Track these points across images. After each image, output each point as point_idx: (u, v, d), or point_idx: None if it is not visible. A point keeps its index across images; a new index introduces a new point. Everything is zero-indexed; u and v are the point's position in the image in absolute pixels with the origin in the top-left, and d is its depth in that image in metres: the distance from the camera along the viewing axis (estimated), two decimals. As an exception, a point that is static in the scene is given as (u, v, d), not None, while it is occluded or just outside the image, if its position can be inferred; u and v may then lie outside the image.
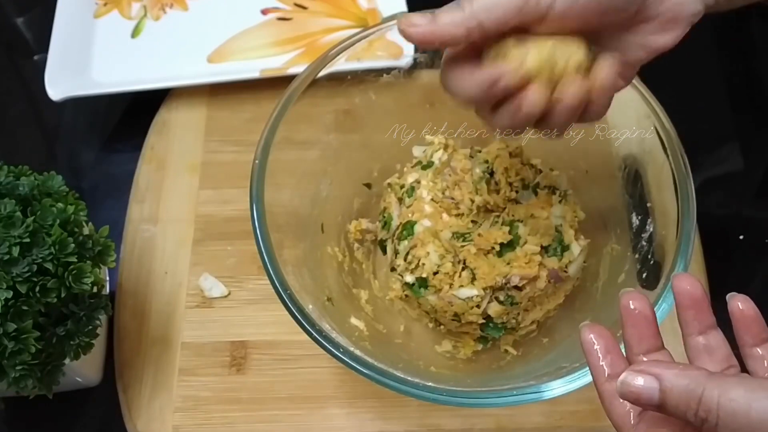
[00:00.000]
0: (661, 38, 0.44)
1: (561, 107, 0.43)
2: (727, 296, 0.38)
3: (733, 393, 0.33)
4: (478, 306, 0.56)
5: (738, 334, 0.38)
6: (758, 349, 0.37)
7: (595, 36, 0.45)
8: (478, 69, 0.43)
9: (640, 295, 0.40)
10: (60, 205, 0.54)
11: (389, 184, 0.64)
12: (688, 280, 0.39)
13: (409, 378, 0.49)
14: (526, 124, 0.45)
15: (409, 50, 0.64)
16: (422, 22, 0.42)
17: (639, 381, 0.34)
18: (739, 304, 0.38)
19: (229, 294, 0.67)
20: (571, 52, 0.43)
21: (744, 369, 0.38)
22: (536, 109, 0.43)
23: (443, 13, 0.42)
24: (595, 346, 0.39)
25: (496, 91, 0.43)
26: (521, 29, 0.43)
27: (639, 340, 0.39)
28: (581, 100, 0.43)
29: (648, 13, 0.43)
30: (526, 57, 0.42)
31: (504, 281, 0.56)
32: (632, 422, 0.38)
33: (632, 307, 0.39)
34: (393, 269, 0.60)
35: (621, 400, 0.37)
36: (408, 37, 0.43)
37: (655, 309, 0.46)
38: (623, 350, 0.40)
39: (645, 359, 0.39)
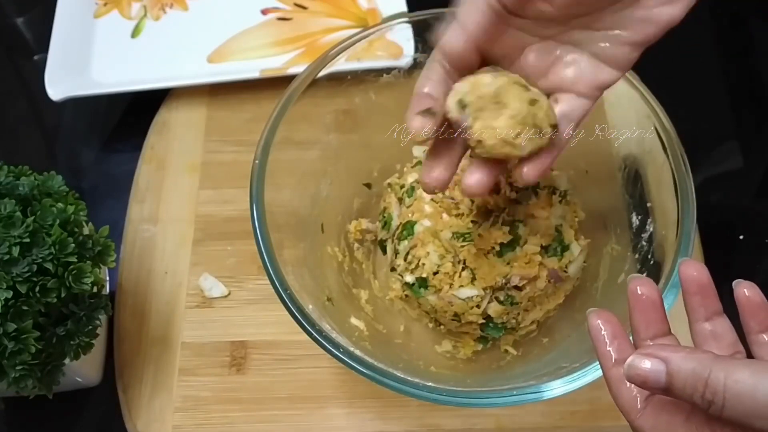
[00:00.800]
0: (667, 10, 0.43)
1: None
2: (734, 283, 0.38)
3: (739, 375, 0.33)
4: (478, 306, 0.56)
5: (744, 320, 0.38)
6: (764, 336, 0.37)
7: (601, 15, 0.44)
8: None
9: (647, 280, 0.40)
10: (60, 205, 0.54)
11: (389, 184, 0.64)
12: (694, 266, 0.39)
13: (409, 378, 0.49)
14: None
15: (409, 50, 0.64)
16: (455, 40, 0.44)
17: (646, 364, 0.34)
18: (745, 290, 0.38)
19: (229, 294, 0.67)
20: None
21: (750, 356, 0.38)
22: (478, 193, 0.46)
23: (463, 11, 0.44)
24: (603, 332, 0.39)
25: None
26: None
27: (646, 325, 0.39)
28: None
29: None
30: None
31: (504, 281, 0.56)
32: (639, 407, 0.37)
33: (640, 292, 0.39)
34: (393, 269, 0.60)
35: (628, 386, 0.37)
36: (449, 55, 0.45)
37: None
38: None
39: (652, 344, 0.39)
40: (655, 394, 0.36)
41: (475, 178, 0.45)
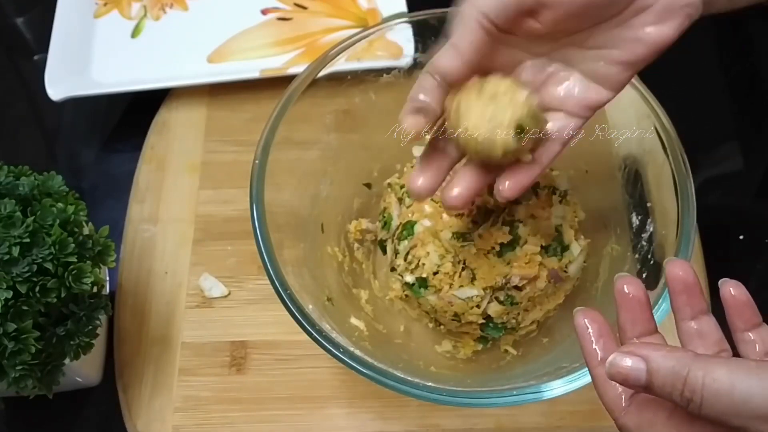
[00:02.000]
0: (659, 30, 0.43)
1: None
2: (720, 282, 0.39)
3: (716, 373, 0.33)
4: (478, 306, 0.56)
5: (730, 319, 0.38)
6: (750, 334, 0.38)
7: (592, 34, 0.45)
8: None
9: (634, 279, 0.40)
10: (60, 205, 0.54)
11: (389, 184, 0.64)
12: (680, 265, 0.39)
13: (409, 378, 0.49)
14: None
15: (409, 50, 0.64)
16: (450, 59, 0.44)
17: (627, 362, 0.35)
18: (731, 289, 0.38)
19: (229, 294, 0.67)
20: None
21: (736, 354, 0.38)
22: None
23: (456, 33, 0.44)
24: (588, 330, 0.40)
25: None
26: (526, 12, 0.43)
27: (632, 323, 0.40)
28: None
29: (642, 3, 0.43)
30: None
31: (504, 281, 0.56)
32: (623, 405, 0.38)
33: (626, 291, 0.40)
34: (393, 269, 0.60)
35: (613, 384, 0.38)
36: (445, 75, 0.44)
37: (654, 309, 0.46)
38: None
39: (634, 342, 0.39)
40: (637, 391, 0.37)
41: (455, 191, 0.47)
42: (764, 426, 0.32)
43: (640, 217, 0.58)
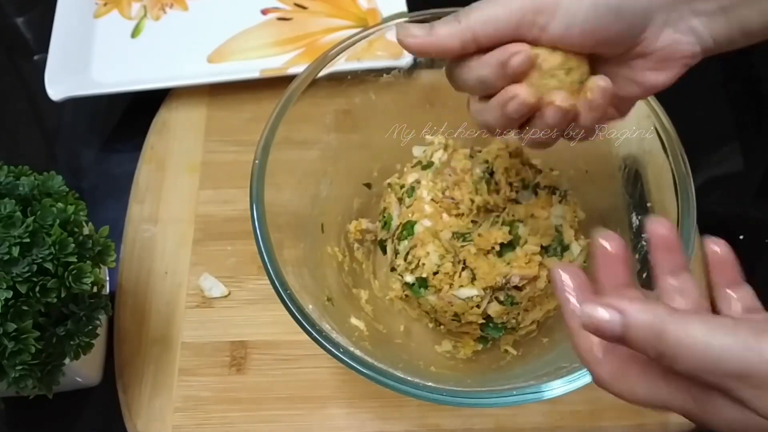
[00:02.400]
0: (654, 76, 0.44)
1: (546, 114, 0.43)
2: (703, 238, 0.39)
3: (692, 329, 0.33)
4: (478, 306, 0.56)
5: (711, 275, 0.38)
6: (729, 291, 0.38)
7: (592, 67, 0.45)
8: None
9: (612, 234, 0.40)
10: (60, 205, 0.54)
11: (389, 184, 0.64)
12: (659, 221, 0.39)
13: (409, 378, 0.49)
14: (510, 121, 0.44)
15: (409, 50, 0.64)
16: (420, 33, 0.43)
17: (603, 314, 0.34)
18: (714, 246, 0.38)
19: (229, 294, 0.67)
20: (577, 64, 0.43)
21: (715, 312, 0.38)
22: (524, 107, 0.43)
23: (440, 24, 0.43)
24: (565, 283, 0.39)
25: (507, 70, 0.42)
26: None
27: (612, 278, 0.39)
28: (567, 112, 0.43)
29: (643, 49, 0.44)
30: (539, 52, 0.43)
31: (504, 281, 0.56)
32: (599, 355, 0.37)
33: (604, 244, 0.40)
34: (393, 269, 0.60)
35: (588, 334, 0.37)
36: (405, 47, 0.44)
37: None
38: None
39: (611, 295, 0.39)
40: (612, 342, 0.36)
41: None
42: (737, 384, 0.32)
43: (640, 217, 0.58)
